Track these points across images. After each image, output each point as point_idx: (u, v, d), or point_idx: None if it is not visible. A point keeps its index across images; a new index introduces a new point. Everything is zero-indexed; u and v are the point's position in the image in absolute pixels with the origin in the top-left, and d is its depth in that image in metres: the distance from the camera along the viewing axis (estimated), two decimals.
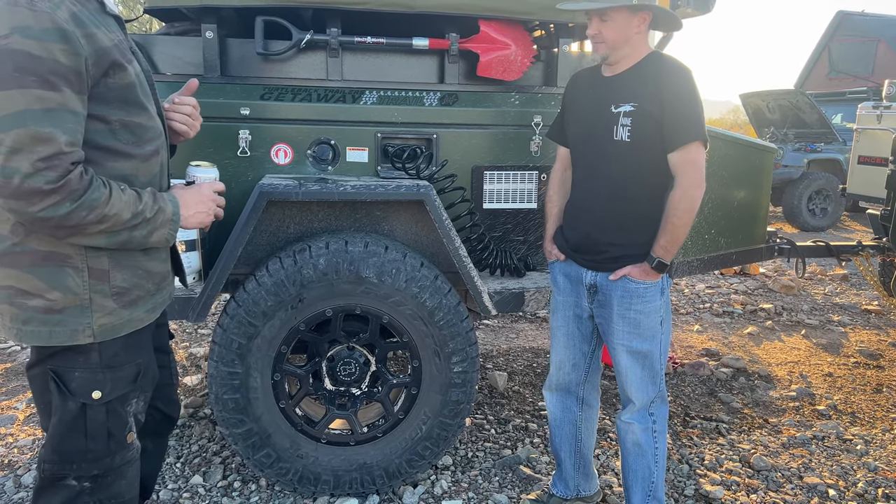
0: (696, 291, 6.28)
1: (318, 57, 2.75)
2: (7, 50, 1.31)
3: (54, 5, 1.36)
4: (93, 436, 1.60)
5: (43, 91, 1.33)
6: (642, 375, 2.29)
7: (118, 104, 1.51)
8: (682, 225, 2.12)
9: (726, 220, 3.50)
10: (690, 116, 2.07)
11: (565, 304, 2.45)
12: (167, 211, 1.58)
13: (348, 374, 2.61)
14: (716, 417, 3.61)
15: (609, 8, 2.10)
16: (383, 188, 2.51)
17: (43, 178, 1.33)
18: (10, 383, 3.85)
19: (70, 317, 1.52)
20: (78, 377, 1.56)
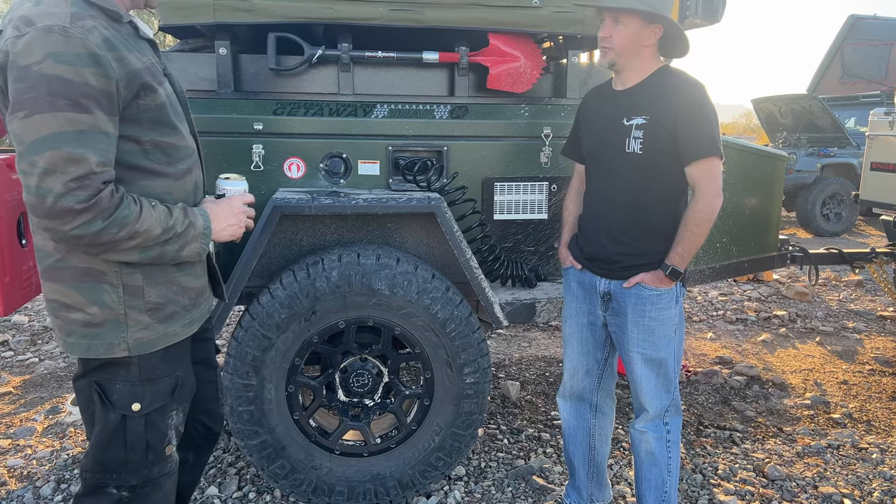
0: (709, 298, 6.26)
1: (329, 72, 2.79)
2: (41, 75, 1.35)
3: (87, 31, 1.40)
4: (132, 447, 1.64)
5: (75, 114, 1.37)
6: (656, 384, 2.30)
7: (150, 125, 1.55)
8: (700, 234, 2.16)
9: (738, 229, 3.49)
10: (705, 130, 2.10)
11: (579, 311, 2.47)
12: (198, 225, 1.61)
13: (361, 386, 2.63)
14: (729, 426, 3.60)
15: (625, 9, 2.12)
16: (395, 201, 2.54)
17: (74, 198, 1.37)
18: (29, 395, 3.90)
19: (107, 331, 1.57)
20: (119, 389, 1.61)
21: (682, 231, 2.17)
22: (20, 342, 4.78)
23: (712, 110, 2.13)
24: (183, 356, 1.76)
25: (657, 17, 2.14)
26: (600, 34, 2.21)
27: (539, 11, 2.76)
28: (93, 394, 1.61)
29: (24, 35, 1.36)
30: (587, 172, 2.43)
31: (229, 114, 2.68)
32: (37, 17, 1.38)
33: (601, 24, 2.22)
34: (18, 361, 4.46)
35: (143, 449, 1.66)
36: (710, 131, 2.11)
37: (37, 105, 1.35)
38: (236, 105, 2.70)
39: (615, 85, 2.31)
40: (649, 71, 2.21)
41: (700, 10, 2.85)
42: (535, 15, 2.75)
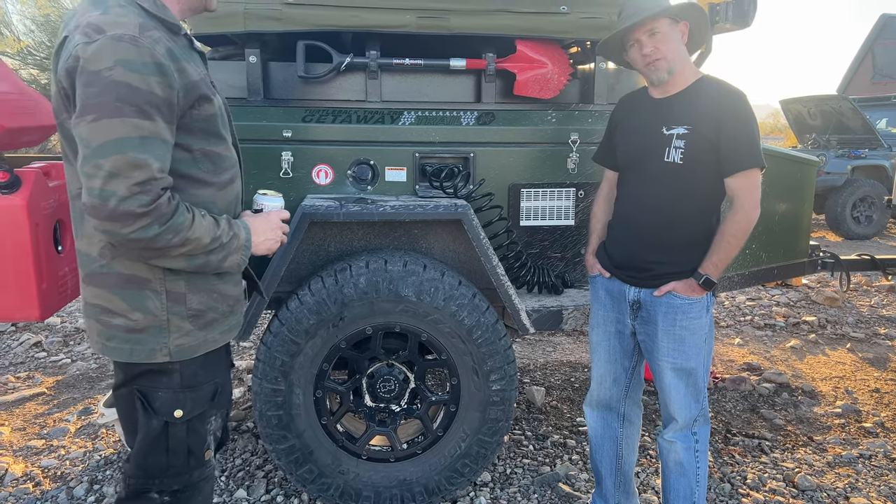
0: (737, 304, 6.19)
1: (357, 79, 2.81)
2: (111, 81, 1.39)
3: (154, 41, 1.45)
4: (174, 452, 1.68)
5: (140, 120, 1.41)
6: (686, 393, 2.29)
7: (201, 134, 1.59)
8: (737, 245, 2.15)
9: (767, 235, 3.45)
10: (749, 142, 2.09)
11: (606, 319, 2.46)
12: (241, 237, 1.65)
13: (388, 391, 2.65)
14: (758, 435, 3.56)
15: (656, 15, 2.11)
16: (422, 208, 2.55)
17: (136, 202, 1.40)
18: (62, 395, 3.98)
19: (149, 336, 1.60)
20: (161, 397, 1.64)
21: (718, 240, 2.15)
22: (53, 343, 4.87)
23: (755, 120, 2.12)
24: (221, 362, 1.79)
25: (685, 11, 2.15)
26: (644, 52, 2.17)
27: (566, 17, 2.75)
28: (135, 401, 1.64)
29: (94, 41, 1.40)
30: (620, 179, 2.42)
31: (259, 121, 2.71)
32: (107, 25, 1.42)
33: (633, 48, 2.20)
34: (52, 362, 4.55)
35: (184, 454, 1.69)
36: (753, 142, 2.10)
37: (105, 110, 1.39)
38: (266, 112, 2.73)
39: (652, 92, 2.29)
40: (690, 79, 2.20)
41: (730, 16, 2.83)
42: (563, 21, 2.75)
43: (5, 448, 3.28)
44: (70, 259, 2.36)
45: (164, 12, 1.57)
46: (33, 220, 2.11)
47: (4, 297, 2.13)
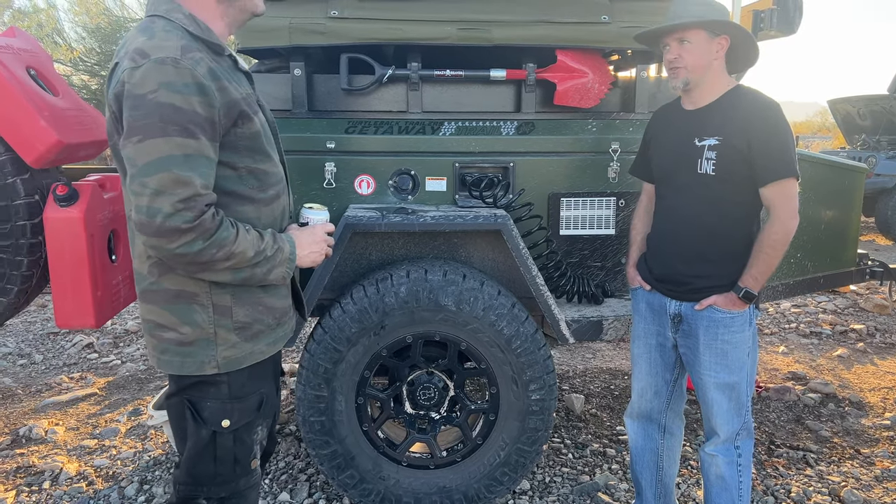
0: (782, 310, 6.07)
1: (398, 90, 2.85)
2: (155, 103, 1.45)
3: (195, 62, 1.51)
4: (221, 461, 1.73)
5: (183, 139, 1.47)
6: (728, 408, 2.27)
7: (246, 152, 1.64)
8: (776, 256, 2.12)
9: (813, 244, 3.39)
10: (782, 152, 2.07)
11: (647, 332, 2.45)
12: (285, 250, 1.69)
13: (428, 399, 2.68)
14: (803, 446, 3.49)
15: (687, 25, 2.10)
16: (461, 219, 2.57)
17: (181, 218, 1.46)
18: (112, 396, 4.11)
19: (198, 349, 1.66)
20: (210, 407, 1.70)
21: (756, 252, 2.13)
22: (104, 345, 5.04)
23: (787, 130, 2.10)
24: (267, 373, 1.84)
25: (723, 27, 2.11)
26: (668, 57, 2.19)
27: (608, 27, 2.75)
28: (185, 411, 1.70)
29: (139, 66, 1.47)
30: (657, 192, 2.41)
31: (303, 132, 2.77)
32: (151, 50, 1.48)
33: (665, 50, 2.20)
34: (103, 363, 4.71)
35: (231, 463, 1.74)
36: (786, 152, 2.07)
37: (150, 131, 1.45)
38: (310, 124, 2.79)
39: (684, 104, 2.28)
40: (721, 90, 2.19)
41: (775, 23, 2.79)
42: (604, 31, 2.75)
43: (60, 447, 3.41)
44: (123, 268, 2.44)
45: (209, 34, 1.63)
46: (89, 231, 2.20)
47: (62, 306, 2.22)
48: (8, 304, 2.30)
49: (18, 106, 2.12)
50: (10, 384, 4.35)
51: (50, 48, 10.63)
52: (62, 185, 2.17)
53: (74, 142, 2.23)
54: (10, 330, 5.37)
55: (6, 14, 10.01)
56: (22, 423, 3.70)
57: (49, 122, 2.16)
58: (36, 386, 4.31)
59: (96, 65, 11.74)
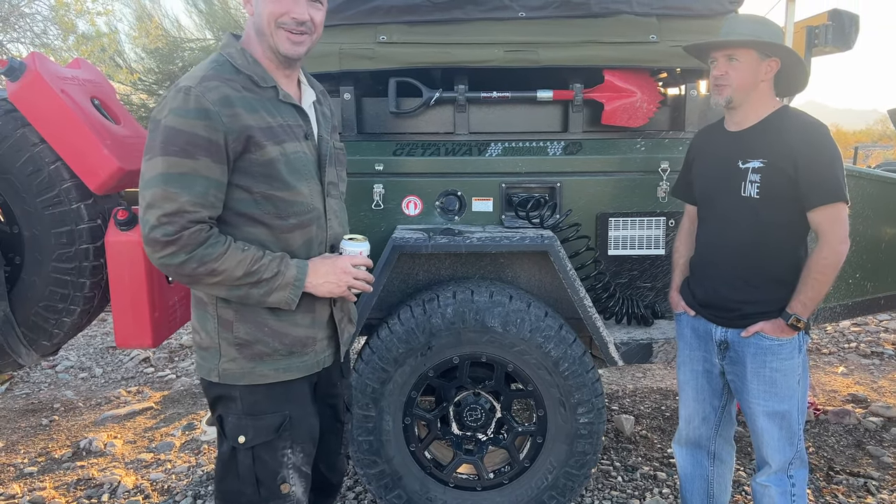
0: (841, 329, 5.87)
1: (445, 112, 2.88)
2: (163, 126, 1.59)
3: (207, 89, 1.61)
4: (243, 479, 1.76)
5: (180, 158, 1.58)
6: (780, 437, 2.20)
7: (261, 178, 1.69)
8: (826, 282, 2.05)
9: (873, 263, 3.27)
10: (830, 175, 2.00)
11: (693, 358, 2.40)
12: (287, 275, 1.69)
13: (474, 420, 2.68)
14: (864, 473, 3.36)
15: (738, 43, 2.06)
16: (508, 240, 2.58)
17: (161, 231, 1.57)
18: (168, 410, 4.23)
19: (209, 355, 1.76)
20: (230, 421, 1.76)
21: (805, 278, 2.06)
22: (160, 359, 5.19)
23: (835, 153, 2.03)
24: (295, 397, 1.81)
25: (775, 49, 2.07)
26: (714, 73, 2.14)
27: (656, 47, 2.73)
28: (217, 424, 1.79)
29: (165, 97, 1.64)
30: (699, 214, 2.37)
31: (353, 155, 2.81)
32: (181, 81, 1.64)
33: (712, 65, 2.16)
34: (158, 377, 4.85)
35: (253, 483, 1.76)
36: (834, 176, 2.00)
37: (154, 150, 1.59)
38: (359, 147, 2.84)
39: (728, 125, 2.23)
40: (766, 111, 2.13)
41: (830, 39, 2.72)
42: (653, 50, 2.73)
43: (118, 460, 3.52)
44: (179, 289, 2.52)
45: (254, 68, 1.71)
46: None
47: (122, 327, 2.31)
48: (71, 323, 2.39)
49: (83, 135, 2.22)
50: (72, 397, 4.52)
51: (111, 70, 11.05)
52: (123, 210, 2.26)
53: (135, 168, 2.32)
54: (73, 343, 5.57)
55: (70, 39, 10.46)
56: (83, 435, 3.84)
57: (111, 150, 2.25)
58: (96, 399, 4.46)
59: (154, 84, 12.15)
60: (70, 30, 10.33)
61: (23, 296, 2.33)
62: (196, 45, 11.53)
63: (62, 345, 2.51)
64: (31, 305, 2.33)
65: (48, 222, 2.26)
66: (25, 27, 10.22)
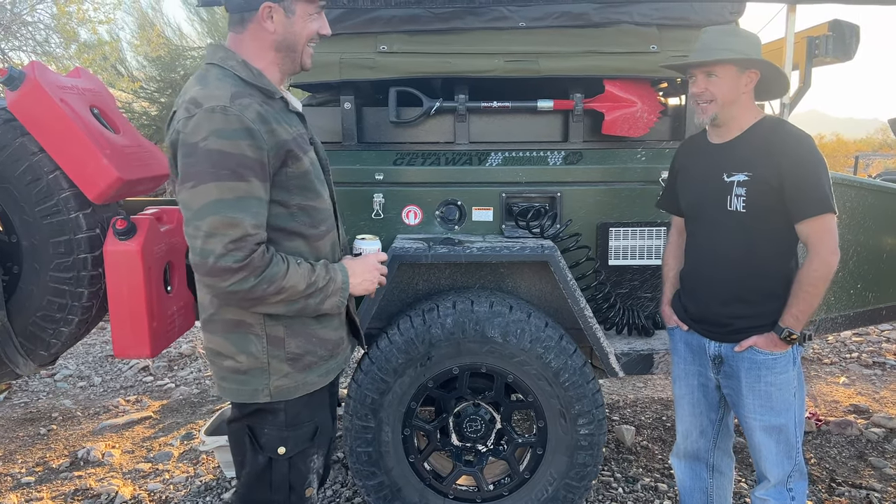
0: (842, 339, 5.85)
1: (446, 121, 2.88)
2: (206, 150, 1.53)
3: (243, 107, 1.58)
4: (276, 488, 1.78)
5: (233, 182, 1.54)
6: (777, 451, 2.18)
7: (297, 191, 1.70)
8: (816, 294, 2.02)
9: (875, 274, 3.26)
10: (814, 187, 1.97)
11: (688, 372, 2.38)
12: (338, 280, 1.74)
13: (474, 431, 2.66)
14: (866, 485, 3.34)
15: (718, 61, 2.04)
16: (508, 250, 2.57)
17: (232, 258, 1.53)
18: (167, 420, 4.21)
19: (253, 377, 1.73)
20: (267, 434, 1.76)
21: (796, 291, 2.04)
22: (159, 368, 5.17)
23: (820, 163, 1.99)
24: (323, 402, 1.88)
25: (754, 63, 2.05)
26: (693, 90, 2.12)
27: (657, 57, 2.73)
28: (244, 437, 1.75)
29: (192, 116, 1.55)
30: (687, 227, 2.35)
31: (353, 164, 2.82)
32: (203, 99, 1.57)
33: (691, 81, 2.14)
34: (157, 386, 4.83)
35: (286, 490, 1.79)
36: (820, 188, 1.97)
37: (202, 176, 1.53)
38: (359, 156, 2.83)
39: (711, 137, 2.21)
40: (749, 122, 2.11)
41: (831, 49, 2.72)
42: (653, 60, 2.73)
43: (116, 470, 3.50)
44: (178, 298, 2.51)
45: (260, 80, 1.69)
46: (146, 264, 2.27)
47: (120, 336, 2.29)
48: (69, 333, 2.38)
49: (82, 145, 2.21)
50: (70, 406, 4.50)
51: (113, 78, 11.08)
52: (121, 220, 2.25)
53: (134, 178, 2.32)
54: (72, 352, 5.56)
55: (72, 47, 10.48)
56: (81, 445, 3.82)
57: (110, 159, 2.25)
58: (94, 408, 4.44)
59: (156, 92, 12.18)
60: (72, 38, 10.36)
61: (21, 305, 2.32)
62: (198, 54, 11.57)
63: (60, 355, 2.50)
64: (29, 315, 2.32)
65: (46, 232, 2.25)
66: (27, 35, 10.24)
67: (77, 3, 10.11)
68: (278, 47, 1.72)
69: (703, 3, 2.74)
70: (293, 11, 1.70)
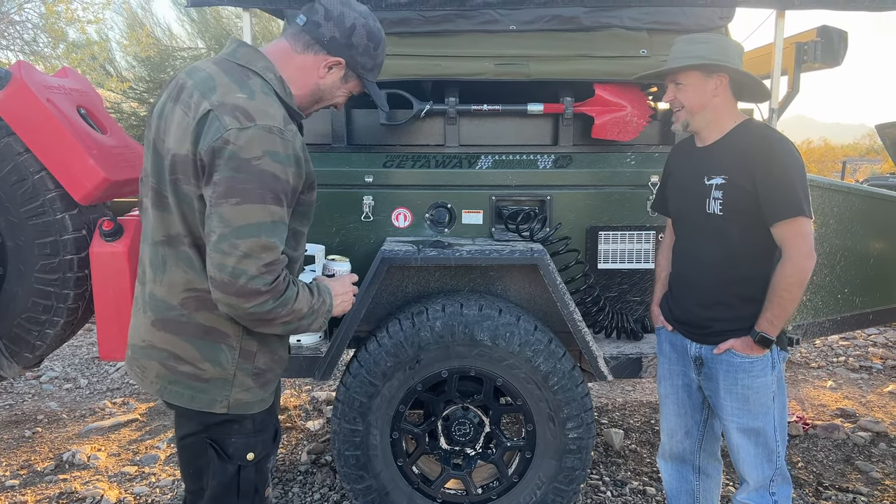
0: (829, 343, 5.89)
1: (436, 124, 2.87)
2: (259, 170, 1.50)
3: (294, 134, 1.57)
4: (244, 493, 1.76)
5: (275, 206, 1.53)
6: (756, 454, 2.19)
7: (298, 217, 1.70)
8: (791, 299, 2.02)
9: (862, 279, 3.29)
10: (789, 189, 1.97)
11: (672, 372, 2.39)
12: (327, 303, 1.74)
13: (463, 435, 2.66)
14: (853, 488, 3.36)
15: (680, 69, 2.07)
16: (497, 253, 2.56)
17: (262, 281, 1.51)
18: (153, 422, 4.17)
19: (213, 387, 1.68)
20: (234, 443, 1.73)
21: (770, 296, 2.03)
22: None
23: (795, 166, 1.99)
24: (276, 406, 1.91)
25: (716, 67, 2.06)
26: (665, 99, 2.18)
27: (647, 61, 2.74)
28: (206, 450, 1.71)
29: (246, 129, 1.50)
30: (675, 231, 2.37)
31: (342, 167, 2.81)
32: (255, 113, 1.52)
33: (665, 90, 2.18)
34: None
35: (251, 494, 1.78)
36: (793, 191, 1.97)
37: (249, 196, 1.49)
38: (349, 158, 2.82)
39: (696, 141, 2.24)
40: (728, 126, 2.13)
41: (819, 56, 2.74)
42: (643, 65, 2.73)
43: (102, 473, 3.47)
44: None
45: (291, 100, 1.68)
46: (132, 265, 2.24)
47: (106, 339, 2.27)
48: (54, 335, 2.35)
49: (68, 145, 2.19)
50: (56, 408, 4.45)
51: (102, 78, 11.00)
52: (108, 221, 2.23)
53: (121, 178, 2.29)
54: (58, 354, 5.50)
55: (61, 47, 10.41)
56: (66, 448, 3.78)
57: (97, 160, 2.22)
58: (80, 410, 4.40)
59: (145, 92, 12.11)
60: (60, 38, 10.29)
61: (5, 307, 2.29)
62: (188, 54, 11.51)
63: (45, 357, 2.47)
64: (14, 317, 2.29)
65: (32, 233, 2.23)
66: (15, 35, 10.17)
67: (66, 2, 10.04)
68: (313, 92, 1.74)
69: (693, 7, 2.75)
70: (347, 81, 1.76)
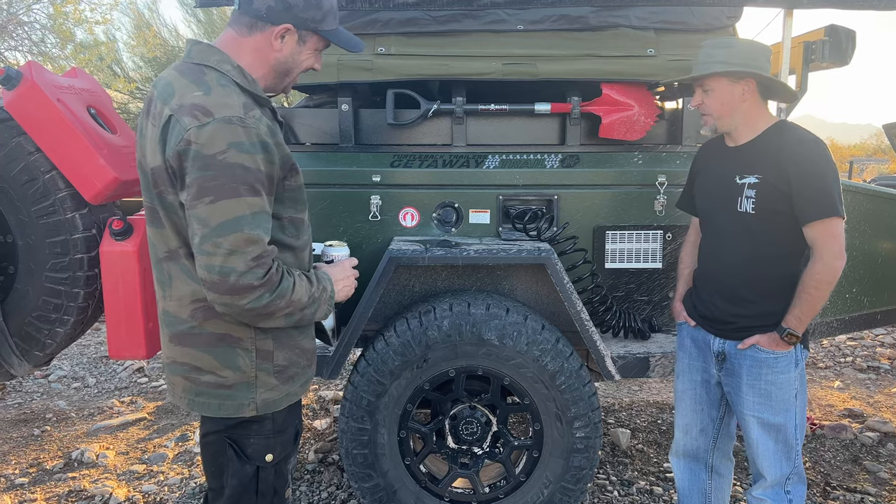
0: (837, 343, 5.87)
1: (443, 124, 2.88)
2: (225, 163, 1.47)
3: (257, 120, 1.54)
4: (263, 494, 1.77)
5: (251, 197, 1.50)
6: (775, 450, 2.19)
7: (289, 203, 1.69)
8: (820, 297, 2.05)
9: (870, 279, 3.27)
10: (822, 190, 2.00)
11: (692, 367, 2.40)
12: (328, 289, 1.74)
13: (470, 434, 2.66)
14: (860, 489, 3.35)
15: (706, 76, 2.10)
16: (505, 252, 2.57)
17: (254, 276, 1.50)
18: (161, 421, 4.19)
19: (238, 392, 1.68)
20: (254, 444, 1.73)
21: (799, 292, 2.06)
22: (154, 369, 5.15)
23: (830, 168, 2.02)
24: (299, 407, 1.89)
25: (744, 74, 2.08)
26: (692, 103, 2.21)
27: (654, 60, 2.74)
28: (226, 450, 1.72)
29: (206, 125, 1.47)
30: (702, 228, 2.38)
31: (350, 166, 2.82)
32: (213, 107, 1.49)
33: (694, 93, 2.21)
34: (152, 388, 4.81)
35: (271, 495, 1.78)
36: (828, 191, 2.00)
37: (222, 191, 1.47)
38: (356, 158, 2.83)
39: (727, 141, 2.25)
40: (762, 127, 2.15)
41: (827, 55, 2.73)
42: (650, 64, 2.74)
43: (110, 472, 3.49)
44: None
45: (255, 87, 1.65)
46: (142, 264, 2.26)
47: (115, 337, 2.29)
48: (64, 334, 2.37)
49: (79, 145, 2.21)
50: (65, 407, 4.48)
51: (109, 79, 11.06)
52: (118, 220, 2.24)
53: (131, 178, 2.31)
54: (66, 353, 5.53)
55: (68, 48, 10.46)
56: (75, 446, 3.80)
57: (107, 159, 2.24)
58: (89, 409, 4.42)
59: None
60: (68, 38, 10.34)
61: (16, 306, 2.31)
62: None
63: (55, 355, 2.49)
64: (24, 315, 2.31)
65: (42, 232, 2.25)
66: (23, 35, 10.22)
67: (73, 3, 10.09)
68: (275, 67, 1.69)
69: (701, 7, 2.75)
70: (304, 42, 1.69)
